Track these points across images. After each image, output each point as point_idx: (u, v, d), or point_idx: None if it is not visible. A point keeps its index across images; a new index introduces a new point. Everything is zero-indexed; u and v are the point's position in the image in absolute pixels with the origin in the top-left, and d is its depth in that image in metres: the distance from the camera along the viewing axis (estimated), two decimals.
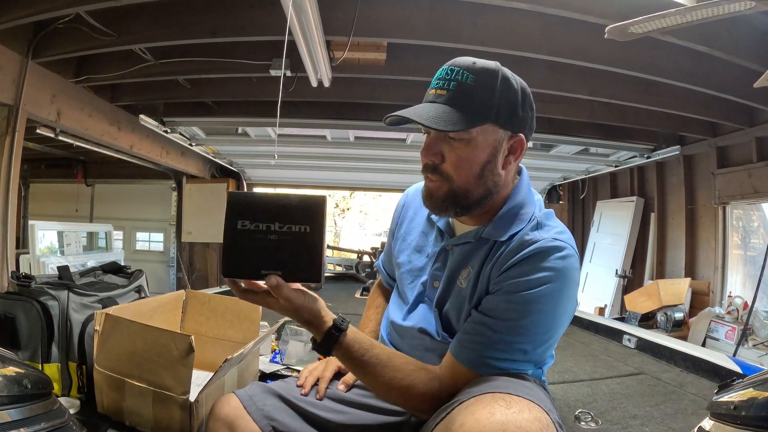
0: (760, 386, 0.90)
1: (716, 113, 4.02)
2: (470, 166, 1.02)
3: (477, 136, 1.00)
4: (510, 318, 0.96)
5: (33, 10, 2.65)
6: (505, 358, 0.97)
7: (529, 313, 0.96)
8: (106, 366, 1.32)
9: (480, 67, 1.01)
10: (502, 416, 0.76)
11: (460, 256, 1.11)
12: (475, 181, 1.03)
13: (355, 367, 1.01)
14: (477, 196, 1.04)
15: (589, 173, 6.29)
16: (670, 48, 2.91)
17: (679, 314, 4.51)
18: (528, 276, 0.96)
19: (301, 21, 2.42)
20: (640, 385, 2.06)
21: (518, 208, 1.08)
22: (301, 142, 5.31)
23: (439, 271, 1.15)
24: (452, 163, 1.02)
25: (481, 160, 1.02)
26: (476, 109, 0.99)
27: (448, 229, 1.16)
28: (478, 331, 0.99)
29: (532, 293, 0.95)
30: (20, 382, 0.89)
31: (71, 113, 3.83)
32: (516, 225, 1.05)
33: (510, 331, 0.96)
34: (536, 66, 3.36)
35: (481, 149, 1.01)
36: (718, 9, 1.82)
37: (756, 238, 4.71)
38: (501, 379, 0.92)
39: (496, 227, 1.06)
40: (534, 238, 1.00)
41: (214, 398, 1.27)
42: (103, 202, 7.68)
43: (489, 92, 1.00)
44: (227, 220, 0.91)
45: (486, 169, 1.03)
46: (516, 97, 1.03)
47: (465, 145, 1.01)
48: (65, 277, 1.60)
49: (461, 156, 1.01)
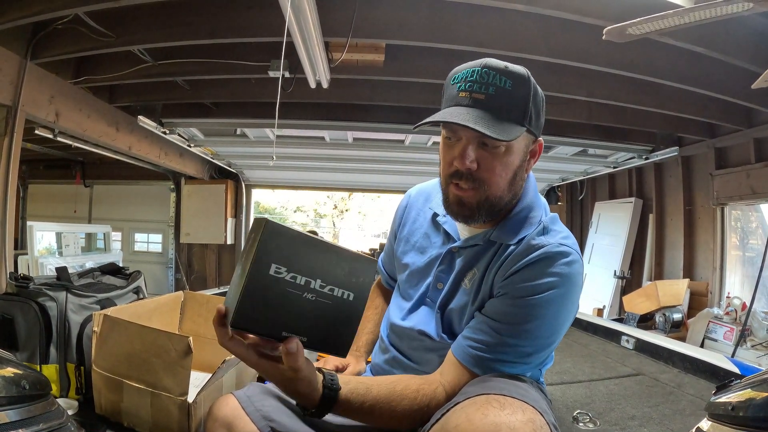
0: (758, 387, 0.90)
1: (714, 114, 4.03)
2: (506, 173, 1.01)
3: (515, 144, 1.00)
4: (515, 322, 0.97)
5: (31, 11, 2.65)
6: (508, 360, 0.97)
7: (534, 318, 0.96)
8: (105, 367, 1.32)
9: (515, 72, 1.00)
10: (495, 417, 0.76)
11: (467, 258, 1.11)
12: (507, 186, 1.02)
13: (361, 417, 0.96)
14: (506, 202, 1.04)
15: (588, 174, 6.30)
16: (668, 49, 2.91)
17: (678, 315, 4.52)
18: (534, 281, 0.97)
19: (300, 22, 2.42)
20: (638, 386, 2.06)
21: (527, 211, 1.08)
22: (300, 144, 5.30)
23: (444, 273, 1.14)
24: (490, 170, 1.00)
25: (515, 166, 1.02)
26: (517, 116, 0.98)
27: (453, 229, 1.16)
28: (481, 334, 0.99)
29: (538, 298, 0.96)
30: (18, 383, 0.89)
31: (70, 114, 3.83)
32: (525, 229, 1.05)
33: (514, 334, 0.97)
34: (534, 67, 3.31)
35: (516, 155, 1.01)
36: (715, 10, 1.82)
37: (754, 239, 4.71)
38: (496, 381, 0.93)
39: (505, 231, 1.06)
40: (540, 243, 1.01)
41: (212, 399, 1.27)
42: (101, 203, 7.68)
43: (525, 99, 0.99)
44: (257, 258, 0.74)
45: (517, 174, 1.03)
46: (541, 104, 1.04)
47: (504, 152, 0.99)
48: (63, 278, 1.60)
49: (501, 162, 1.00)
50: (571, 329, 3.18)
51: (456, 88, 1.01)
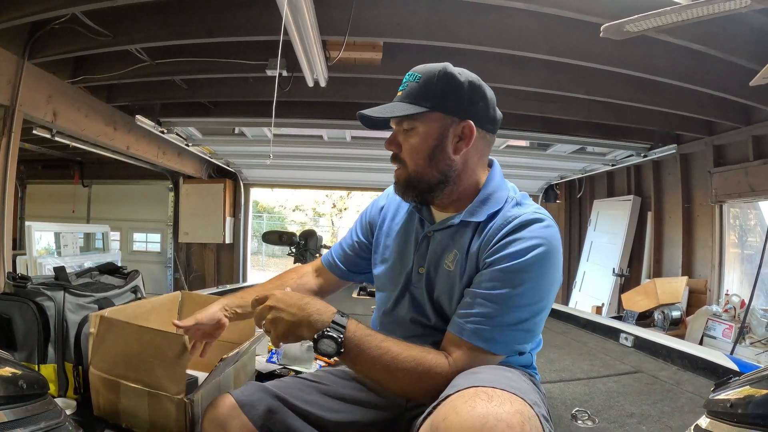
0: (756, 384, 0.90)
1: (712, 112, 4.03)
2: (419, 152, 1.13)
3: (422, 124, 1.12)
4: (504, 288, 1.02)
5: (29, 11, 2.64)
6: (507, 326, 1.01)
7: (522, 282, 1.02)
8: (102, 368, 1.32)
9: (429, 68, 1.12)
10: (483, 409, 0.77)
11: (443, 240, 1.18)
12: (426, 165, 1.13)
13: (371, 360, 1.00)
14: (432, 180, 1.14)
15: (586, 172, 6.30)
16: (666, 47, 2.91)
17: (677, 313, 4.52)
18: (516, 247, 1.04)
19: (297, 21, 2.42)
20: (637, 384, 2.06)
21: (492, 192, 1.17)
22: (298, 142, 5.31)
23: (422, 258, 1.20)
24: (407, 151, 1.15)
25: (429, 145, 1.12)
26: (420, 98, 1.10)
27: (428, 217, 1.23)
28: (475, 308, 1.03)
29: (521, 262, 1.02)
30: (16, 382, 0.89)
31: (67, 114, 3.83)
32: (491, 206, 1.14)
33: (506, 301, 1.01)
34: (533, 65, 3.36)
35: (429, 135, 1.12)
36: (713, 7, 1.82)
37: (753, 237, 4.72)
38: (486, 372, 0.94)
39: (473, 211, 1.15)
40: (516, 214, 1.10)
41: (210, 398, 1.27)
42: (99, 203, 7.67)
43: (433, 86, 1.10)
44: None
45: (436, 153, 1.13)
46: (460, 89, 1.12)
47: (415, 134, 1.13)
48: (61, 278, 1.60)
49: (412, 144, 1.13)
50: (569, 326, 3.18)
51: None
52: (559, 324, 3.31)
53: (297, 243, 5.43)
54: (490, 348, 1.01)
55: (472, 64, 3.36)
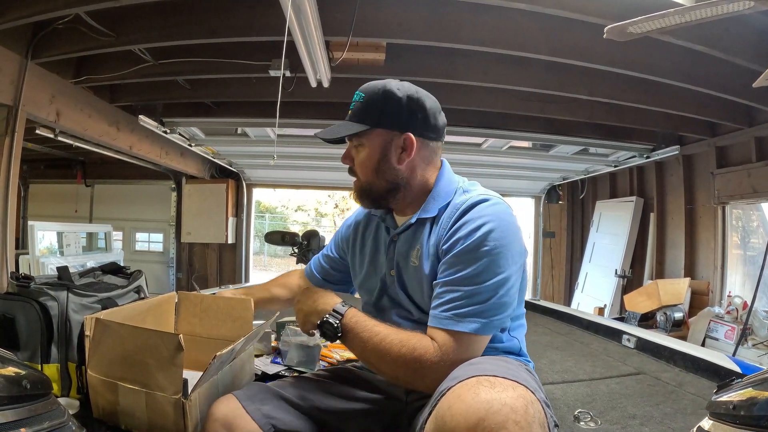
0: (759, 386, 0.90)
1: (715, 113, 4.03)
2: (367, 166, 1.25)
3: (368, 141, 1.24)
4: (464, 270, 1.08)
5: (32, 11, 2.65)
6: (478, 306, 1.05)
7: (478, 258, 1.07)
8: (99, 371, 1.32)
9: (369, 86, 1.25)
10: (487, 395, 0.80)
11: (406, 240, 1.27)
12: (374, 175, 1.25)
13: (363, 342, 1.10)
14: (381, 188, 1.26)
15: (589, 173, 6.28)
16: (669, 48, 2.91)
17: (679, 314, 4.51)
18: (466, 229, 1.11)
19: (300, 21, 2.42)
20: (639, 385, 2.06)
21: (440, 189, 1.26)
22: (301, 143, 5.30)
23: (391, 261, 1.29)
24: (358, 165, 1.28)
25: (375, 159, 1.24)
26: (363, 117, 1.23)
27: (392, 223, 1.33)
28: (445, 296, 1.08)
29: (474, 241, 1.09)
30: (19, 382, 0.89)
31: (70, 114, 3.83)
32: (442, 200, 1.24)
33: (470, 281, 1.07)
34: (535, 66, 3.36)
35: (374, 150, 1.24)
36: (716, 9, 1.82)
37: (755, 238, 4.71)
38: (485, 363, 0.97)
39: (426, 208, 1.24)
40: (462, 200, 1.19)
41: (207, 397, 1.27)
42: (102, 203, 7.68)
43: (373, 104, 1.22)
44: None
45: (381, 165, 1.24)
46: (398, 104, 1.21)
47: (362, 149, 1.26)
48: (64, 278, 1.60)
49: (361, 158, 1.26)
50: (571, 328, 3.18)
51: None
52: (562, 325, 3.31)
53: (299, 243, 5.42)
54: (470, 330, 1.04)
55: (474, 64, 3.40)
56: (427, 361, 1.02)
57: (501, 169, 5.93)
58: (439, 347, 1.04)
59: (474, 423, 0.77)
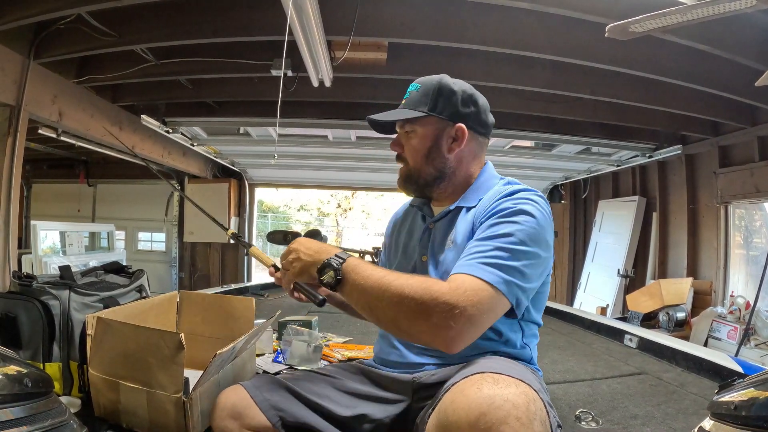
0: (760, 386, 0.90)
1: (718, 112, 4.02)
2: (418, 151, 1.28)
3: (420, 127, 1.27)
4: (497, 229, 1.08)
5: (34, 11, 2.66)
6: (500, 259, 1.03)
7: (513, 222, 1.08)
8: (101, 369, 1.32)
9: (425, 78, 1.29)
10: (490, 390, 0.80)
11: (442, 228, 1.29)
12: (423, 161, 1.28)
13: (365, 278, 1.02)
14: (428, 175, 1.28)
15: (591, 173, 6.28)
16: (672, 47, 2.90)
17: (681, 314, 4.50)
18: (506, 204, 1.13)
19: (302, 21, 2.42)
20: (641, 385, 2.05)
21: (483, 182, 1.30)
22: (303, 142, 5.31)
23: (425, 247, 1.30)
24: (408, 151, 1.30)
25: (426, 145, 1.27)
26: (418, 104, 1.26)
27: (429, 213, 1.36)
28: (473, 248, 1.07)
29: (512, 210, 1.11)
30: (21, 380, 0.89)
31: (73, 114, 3.84)
32: (482, 192, 1.26)
33: (499, 238, 1.07)
34: (538, 65, 3.36)
35: (426, 137, 1.27)
36: (718, 7, 1.81)
37: (758, 238, 4.70)
38: (492, 361, 0.98)
39: (467, 198, 1.28)
40: (507, 188, 1.21)
41: (209, 396, 1.27)
42: (105, 203, 7.70)
43: (430, 93, 1.26)
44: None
45: (432, 152, 1.27)
46: (454, 95, 1.26)
47: (414, 136, 1.28)
48: (67, 277, 1.60)
49: (412, 144, 1.29)
50: (573, 328, 3.18)
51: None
52: (564, 325, 3.30)
53: None
54: (488, 278, 0.99)
55: (477, 64, 3.39)
56: (434, 294, 0.94)
57: (503, 168, 5.93)
58: (449, 286, 0.97)
59: (475, 417, 0.77)
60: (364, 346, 2.33)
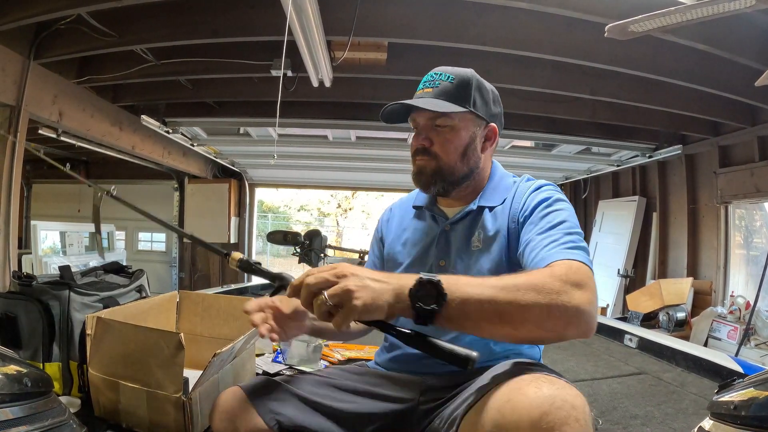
0: (760, 386, 0.90)
1: (718, 112, 4.01)
2: (455, 147, 1.22)
3: (459, 123, 1.21)
4: (553, 221, 1.09)
5: (34, 11, 2.66)
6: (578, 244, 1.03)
7: (561, 209, 1.12)
8: (101, 369, 1.32)
9: (459, 71, 1.23)
10: (549, 391, 0.79)
11: (463, 229, 1.25)
12: (459, 159, 1.22)
13: (482, 299, 0.85)
14: (461, 174, 1.24)
15: (591, 173, 6.29)
16: (672, 47, 2.90)
17: (681, 314, 4.50)
18: (542, 194, 1.17)
19: (302, 21, 2.42)
20: (641, 385, 2.06)
21: (500, 181, 1.30)
22: (303, 142, 5.31)
23: (443, 251, 1.25)
24: (440, 144, 1.22)
25: (464, 141, 1.22)
26: (457, 98, 1.19)
27: (440, 213, 1.31)
28: (544, 242, 1.05)
29: (552, 199, 1.15)
30: (21, 380, 0.89)
31: (73, 114, 3.84)
32: (503, 191, 1.26)
33: (561, 225, 1.07)
34: (539, 66, 3.36)
35: (463, 133, 1.22)
36: (718, 7, 1.81)
37: (758, 238, 4.70)
38: (529, 364, 0.97)
39: (488, 198, 1.26)
40: (530, 183, 1.24)
41: (209, 396, 1.27)
42: (105, 203, 7.67)
43: (467, 88, 1.21)
44: None
45: (468, 150, 1.23)
46: (488, 94, 1.26)
47: (450, 130, 1.21)
48: (66, 277, 1.61)
49: (447, 139, 1.22)
50: None
51: (416, 90, 1.25)
52: None
53: (302, 243, 5.42)
54: (579, 258, 0.97)
55: (477, 64, 3.34)
56: (555, 288, 0.86)
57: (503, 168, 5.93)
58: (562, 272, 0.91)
59: (538, 417, 0.75)
60: (364, 346, 2.33)
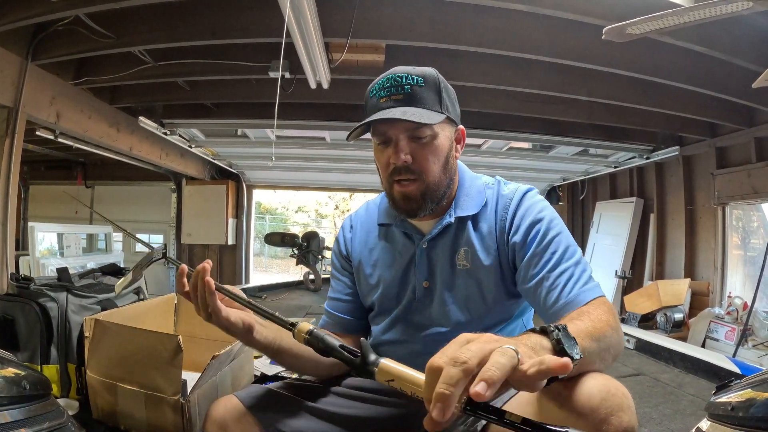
0: (757, 387, 0.90)
1: (715, 114, 4.02)
2: (438, 159, 1.09)
3: (439, 131, 1.09)
4: (554, 250, 1.03)
5: (32, 12, 2.65)
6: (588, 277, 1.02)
7: (556, 236, 1.05)
8: (99, 371, 1.32)
9: (423, 70, 1.09)
10: (602, 379, 0.79)
11: (443, 245, 1.15)
12: (441, 172, 1.10)
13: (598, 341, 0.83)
14: (444, 187, 1.12)
15: (589, 174, 6.30)
16: (669, 49, 2.91)
17: (679, 315, 4.51)
18: (531, 216, 1.08)
19: (300, 23, 2.42)
20: (638, 386, 2.06)
21: (471, 185, 1.19)
22: (301, 144, 5.31)
23: (424, 271, 1.17)
24: (424, 160, 1.07)
25: (445, 151, 1.11)
26: (433, 103, 1.07)
27: (413, 230, 1.19)
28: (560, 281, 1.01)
29: (547, 221, 1.07)
30: (19, 383, 0.89)
31: (71, 115, 3.83)
32: (479, 196, 1.16)
33: (564, 257, 1.03)
34: (536, 67, 3.36)
35: (444, 141, 1.10)
36: (715, 9, 1.82)
37: (755, 239, 4.71)
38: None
39: (463, 206, 1.15)
40: (510, 190, 1.15)
41: (207, 398, 1.27)
42: (102, 204, 7.68)
43: (438, 91, 1.08)
44: None
45: (449, 159, 1.12)
46: (452, 93, 1.14)
47: (433, 140, 1.08)
48: (64, 279, 1.61)
49: (431, 151, 1.08)
50: None
51: (375, 99, 1.09)
52: None
53: (299, 244, 5.43)
54: (598, 293, 1.00)
55: (474, 66, 3.40)
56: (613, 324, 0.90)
57: (501, 170, 5.93)
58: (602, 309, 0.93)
59: (597, 403, 0.75)
60: None
